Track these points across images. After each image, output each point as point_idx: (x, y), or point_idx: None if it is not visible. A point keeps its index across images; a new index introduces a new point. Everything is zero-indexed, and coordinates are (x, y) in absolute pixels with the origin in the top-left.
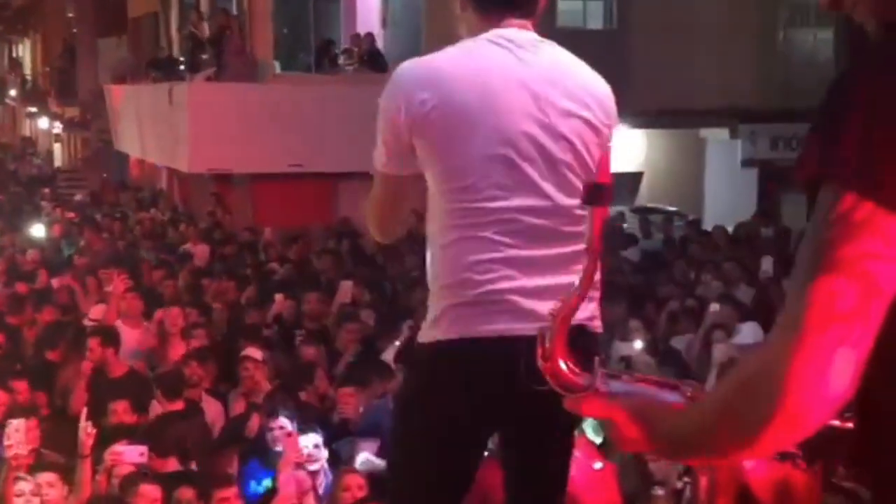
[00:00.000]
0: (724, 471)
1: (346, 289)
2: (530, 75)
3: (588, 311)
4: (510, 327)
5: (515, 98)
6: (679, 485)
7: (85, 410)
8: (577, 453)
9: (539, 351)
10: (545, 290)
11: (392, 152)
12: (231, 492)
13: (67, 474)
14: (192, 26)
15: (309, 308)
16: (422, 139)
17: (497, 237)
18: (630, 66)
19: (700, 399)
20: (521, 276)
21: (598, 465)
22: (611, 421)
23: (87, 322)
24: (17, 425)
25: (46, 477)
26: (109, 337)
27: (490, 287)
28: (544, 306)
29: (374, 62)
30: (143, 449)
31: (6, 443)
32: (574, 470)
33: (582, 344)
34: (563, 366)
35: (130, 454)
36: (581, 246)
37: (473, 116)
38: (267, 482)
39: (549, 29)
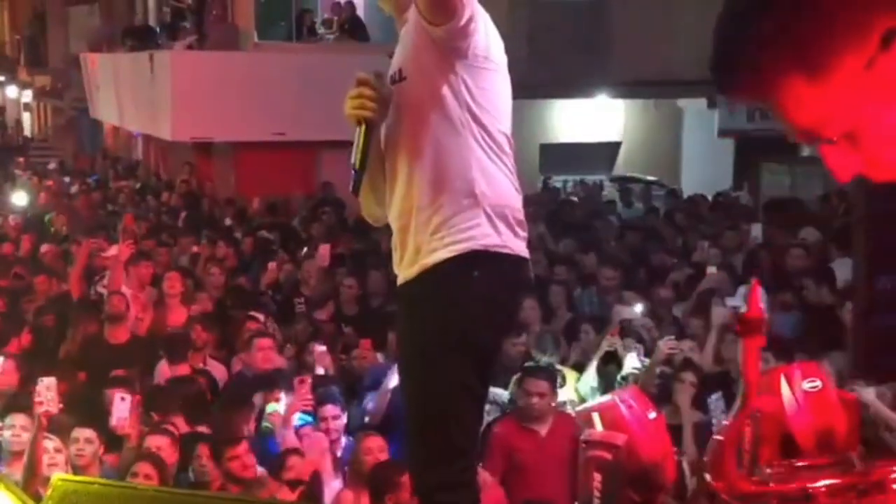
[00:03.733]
0: (768, 421)
1: (324, 253)
2: None
3: None
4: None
5: None
6: None
7: None
8: (633, 404)
9: (709, 470)
10: None
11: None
12: (241, 449)
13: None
14: None
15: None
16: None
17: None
18: (609, 37)
19: None
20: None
21: (652, 415)
22: None
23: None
24: (48, 383)
25: (84, 433)
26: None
27: (518, 209)
28: None
29: (355, 31)
30: (122, 393)
31: (36, 399)
32: (631, 420)
33: None
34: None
35: (118, 407)
36: None
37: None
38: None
39: (530, 0)
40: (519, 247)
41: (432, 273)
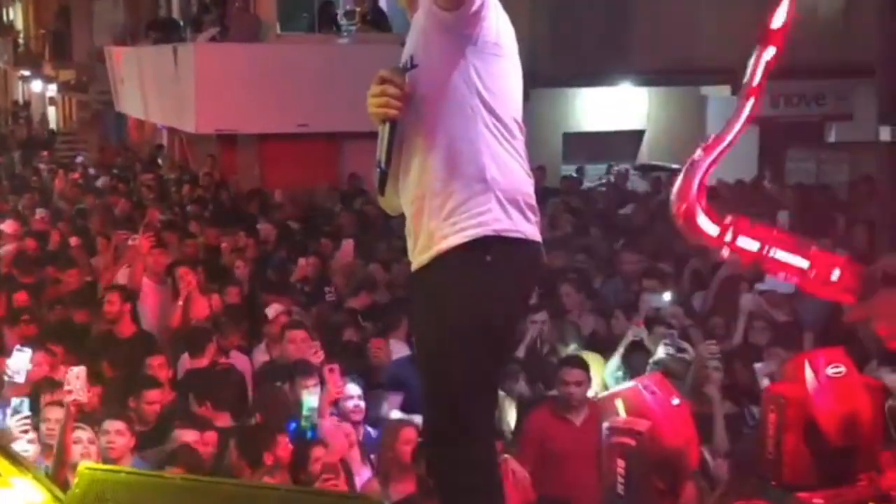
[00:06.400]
0: (793, 406)
1: (347, 248)
2: None
3: None
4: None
5: None
6: None
7: None
8: (656, 390)
9: (675, 191)
10: None
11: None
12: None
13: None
14: None
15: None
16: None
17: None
18: (631, 25)
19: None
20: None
21: (675, 401)
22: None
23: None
24: (77, 372)
25: (115, 425)
26: (127, 293)
27: (532, 193)
28: None
29: (377, 21)
30: None
31: (66, 388)
32: (654, 406)
33: None
34: (700, 214)
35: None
36: None
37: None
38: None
39: None
40: (531, 231)
41: (445, 259)
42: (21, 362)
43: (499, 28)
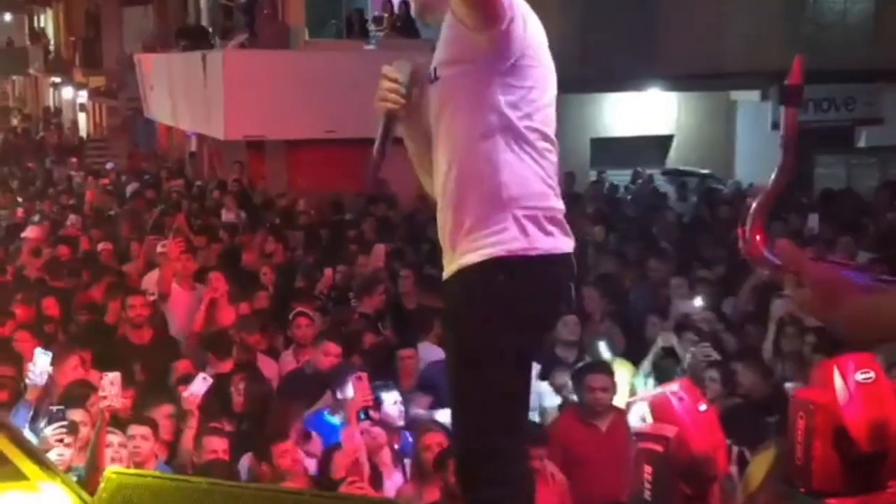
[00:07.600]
0: (822, 412)
1: (378, 253)
2: None
3: None
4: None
5: None
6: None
7: None
8: (683, 396)
9: (741, 233)
10: None
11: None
12: (287, 445)
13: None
14: None
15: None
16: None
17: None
18: (660, 30)
19: None
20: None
21: (702, 407)
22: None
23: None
24: (112, 378)
25: (140, 430)
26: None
27: (556, 204)
28: None
29: (406, 28)
30: (203, 375)
31: (100, 393)
32: (681, 412)
33: None
34: (763, 250)
35: (197, 386)
36: None
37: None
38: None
39: None
40: (549, 244)
41: (465, 274)
42: (42, 365)
43: (527, 37)
